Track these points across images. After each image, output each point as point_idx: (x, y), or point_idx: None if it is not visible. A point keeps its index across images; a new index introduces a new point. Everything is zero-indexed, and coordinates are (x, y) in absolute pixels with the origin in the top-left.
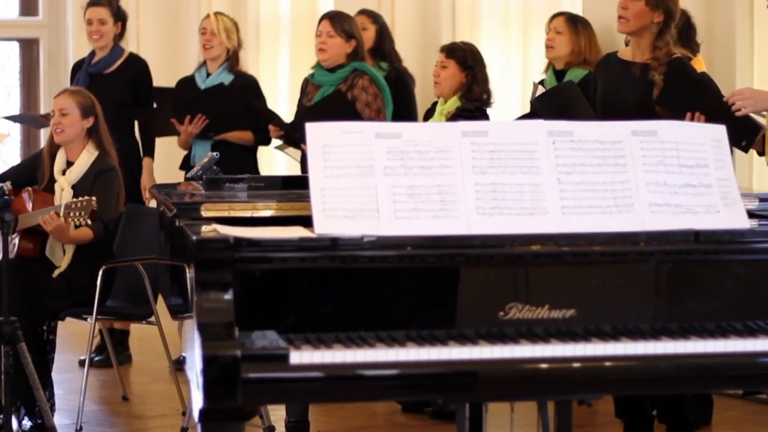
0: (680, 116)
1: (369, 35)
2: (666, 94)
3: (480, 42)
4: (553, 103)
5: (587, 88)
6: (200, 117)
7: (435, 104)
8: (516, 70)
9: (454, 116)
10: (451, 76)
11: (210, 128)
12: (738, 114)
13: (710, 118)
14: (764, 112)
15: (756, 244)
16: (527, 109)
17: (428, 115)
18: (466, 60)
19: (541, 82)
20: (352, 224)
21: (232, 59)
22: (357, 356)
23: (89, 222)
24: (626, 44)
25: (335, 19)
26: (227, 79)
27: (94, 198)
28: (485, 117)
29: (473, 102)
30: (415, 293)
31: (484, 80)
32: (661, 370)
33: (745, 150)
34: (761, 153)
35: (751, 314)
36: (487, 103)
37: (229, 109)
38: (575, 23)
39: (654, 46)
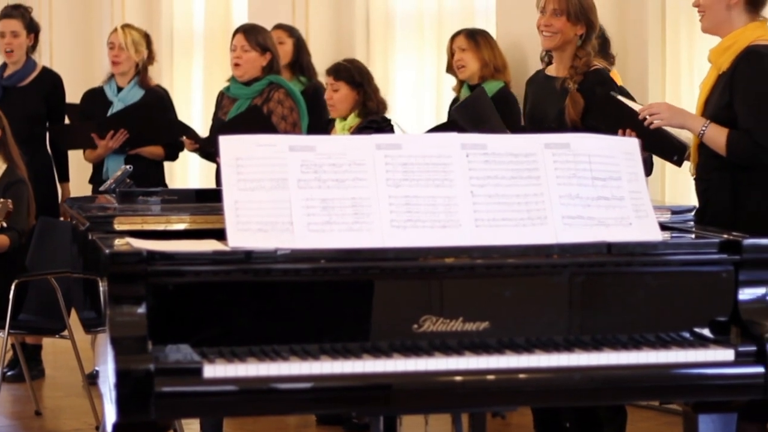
0: (612, 133)
1: (286, 49)
2: (594, 112)
3: (394, 54)
4: (469, 113)
5: (505, 101)
6: (122, 132)
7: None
8: (430, 81)
9: (362, 129)
10: (344, 97)
11: (127, 142)
12: (651, 127)
13: (641, 136)
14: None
15: (668, 256)
16: (441, 119)
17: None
18: (354, 78)
19: (456, 100)
20: (266, 237)
21: (142, 73)
22: (271, 369)
23: (5, 224)
24: (541, 59)
25: (250, 32)
26: (138, 93)
27: (9, 200)
28: (391, 129)
29: (373, 115)
30: (329, 306)
31: (375, 91)
32: (574, 382)
33: (678, 164)
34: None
35: (663, 326)
36: (384, 110)
37: (147, 124)
38: (475, 37)
39: (575, 55)
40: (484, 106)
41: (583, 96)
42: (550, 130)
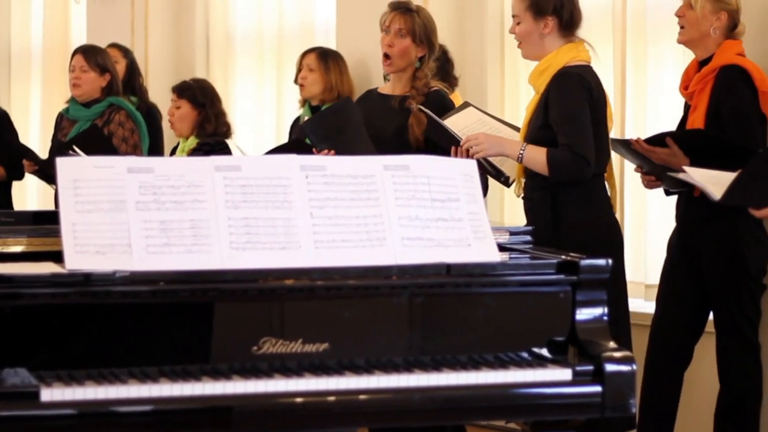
0: (447, 151)
1: (119, 68)
2: (430, 130)
3: (234, 75)
4: (326, 123)
5: None
6: None
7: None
8: (270, 101)
9: (194, 152)
10: (185, 116)
11: None
12: (474, 158)
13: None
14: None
15: (506, 276)
16: (282, 139)
17: (173, 153)
18: (197, 98)
19: (297, 120)
20: (104, 260)
21: None
22: (109, 393)
23: None
24: (384, 77)
25: (89, 53)
26: None
27: None
28: (227, 151)
29: (209, 137)
30: (169, 328)
31: (217, 115)
32: (414, 403)
33: (507, 185)
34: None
35: (502, 346)
36: (227, 135)
37: None
38: (326, 59)
39: (414, 76)
40: (351, 117)
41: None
42: (389, 148)
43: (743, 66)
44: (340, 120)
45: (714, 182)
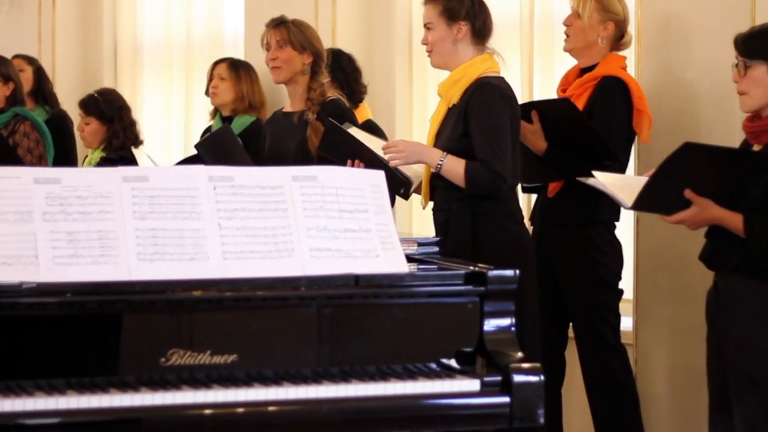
0: (341, 163)
1: (27, 77)
2: (324, 142)
3: (142, 85)
4: (213, 148)
5: (255, 135)
6: None
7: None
8: (178, 115)
9: (97, 166)
10: (95, 132)
11: None
12: (392, 164)
13: (369, 166)
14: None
15: (414, 287)
16: (190, 149)
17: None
18: (104, 113)
19: (209, 129)
20: (10, 271)
21: None
22: (16, 405)
23: None
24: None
25: None
26: None
27: None
28: (132, 164)
29: (116, 151)
30: (76, 340)
31: (126, 128)
32: (322, 414)
33: (405, 197)
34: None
35: (411, 357)
36: (135, 146)
37: None
38: (237, 69)
39: (309, 88)
40: (228, 142)
41: (323, 124)
42: (293, 163)
43: (625, 80)
44: (226, 144)
45: (623, 189)
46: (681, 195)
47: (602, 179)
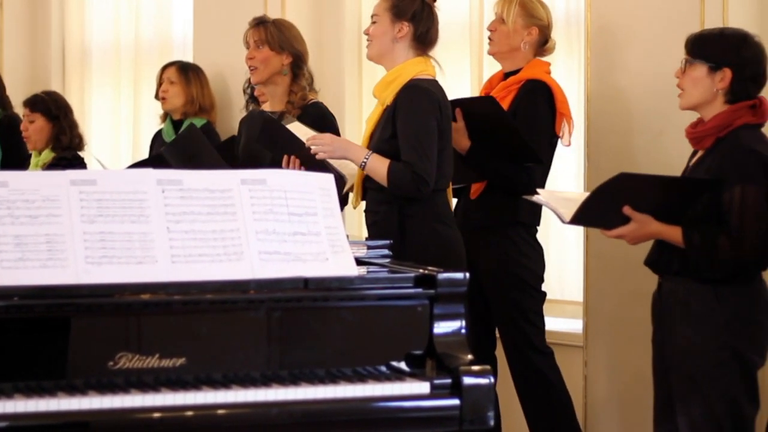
0: (278, 159)
1: None
2: (262, 136)
3: (91, 89)
4: (182, 150)
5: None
6: None
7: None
8: (127, 118)
9: (51, 167)
10: (39, 129)
11: None
12: (317, 158)
13: (304, 164)
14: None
15: (364, 290)
16: (139, 152)
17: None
18: (51, 110)
19: (159, 132)
20: None
21: None
22: None
23: None
24: (243, 90)
25: None
26: None
27: None
28: (83, 164)
29: (65, 150)
30: (24, 344)
31: (71, 126)
32: (272, 417)
33: (346, 199)
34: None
35: (360, 360)
36: (80, 147)
37: None
38: (187, 72)
39: (290, 90)
40: (197, 141)
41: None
42: (270, 166)
43: (549, 83)
44: (193, 146)
45: (567, 204)
46: (620, 211)
47: (545, 196)
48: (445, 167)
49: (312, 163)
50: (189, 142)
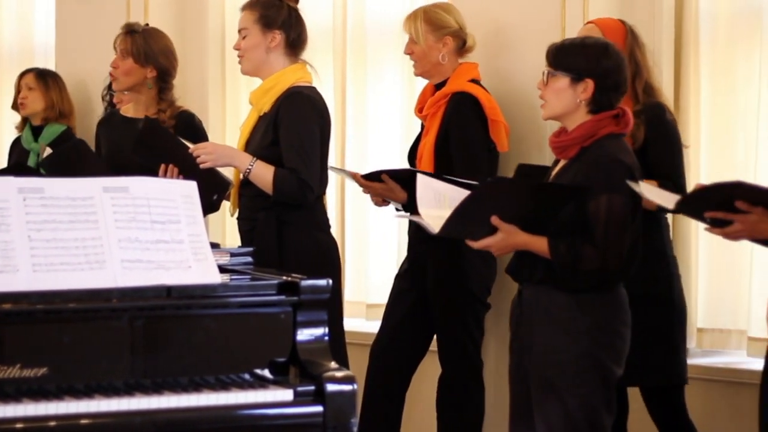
0: (155, 168)
1: None
2: (140, 143)
3: None
4: (62, 163)
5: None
6: None
7: None
8: None
9: None
10: None
11: None
12: (202, 167)
13: (183, 171)
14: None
15: (227, 298)
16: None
17: None
18: None
19: (18, 139)
20: None
21: None
22: None
23: None
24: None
25: None
26: None
27: None
28: None
29: None
30: None
31: None
32: (135, 426)
33: (218, 202)
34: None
35: (224, 368)
36: None
37: None
38: (45, 78)
39: (158, 109)
40: (83, 153)
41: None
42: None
43: (474, 94)
44: (75, 159)
45: (437, 218)
46: (487, 221)
47: (422, 212)
48: (324, 175)
49: (192, 171)
50: (66, 157)
